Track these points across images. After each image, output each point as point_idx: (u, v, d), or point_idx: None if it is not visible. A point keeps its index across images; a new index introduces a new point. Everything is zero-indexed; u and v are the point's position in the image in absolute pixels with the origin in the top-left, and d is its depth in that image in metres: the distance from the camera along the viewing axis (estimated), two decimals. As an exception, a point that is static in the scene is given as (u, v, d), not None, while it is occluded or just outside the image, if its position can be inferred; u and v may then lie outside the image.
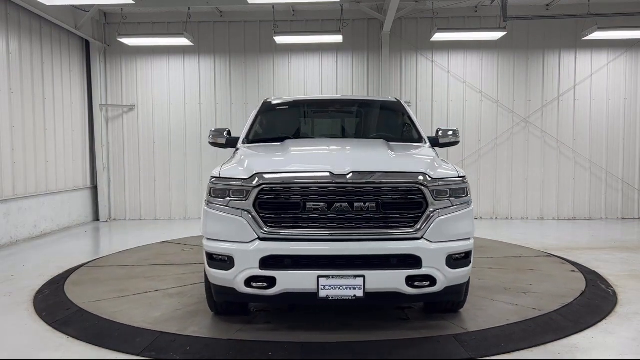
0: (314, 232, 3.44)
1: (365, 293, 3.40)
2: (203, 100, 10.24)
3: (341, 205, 3.42)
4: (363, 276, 3.39)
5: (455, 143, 4.86)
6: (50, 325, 4.11)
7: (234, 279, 3.48)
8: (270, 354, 3.48)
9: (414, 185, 3.49)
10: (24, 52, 8.10)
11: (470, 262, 3.67)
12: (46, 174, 8.67)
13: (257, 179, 3.48)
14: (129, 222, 10.14)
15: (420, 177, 3.51)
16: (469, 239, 3.65)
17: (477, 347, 3.58)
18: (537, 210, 10.08)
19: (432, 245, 3.47)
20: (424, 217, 3.49)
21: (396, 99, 5.60)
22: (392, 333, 3.81)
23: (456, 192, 3.62)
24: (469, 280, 3.88)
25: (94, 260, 6.40)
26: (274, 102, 5.47)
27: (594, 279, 5.31)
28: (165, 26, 10.06)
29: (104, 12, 10.02)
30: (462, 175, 3.70)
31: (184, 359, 3.44)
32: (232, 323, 4.01)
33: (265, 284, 3.44)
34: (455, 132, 4.85)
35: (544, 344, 3.62)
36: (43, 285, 5.27)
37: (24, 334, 3.97)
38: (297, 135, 5.02)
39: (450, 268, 3.51)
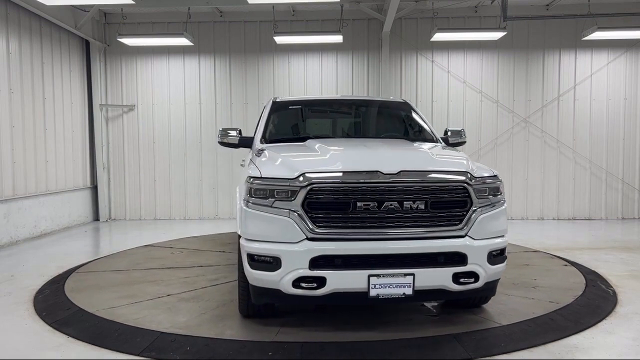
0: (364, 231, 3.43)
1: (414, 291, 3.43)
2: (203, 100, 10.25)
3: (391, 205, 3.43)
4: (413, 274, 3.42)
5: (463, 143, 5.08)
6: (50, 325, 4.11)
7: (281, 280, 3.42)
8: (270, 354, 3.48)
9: (460, 184, 3.55)
10: (24, 52, 8.10)
11: (506, 258, 3.79)
12: (46, 174, 8.67)
13: (305, 178, 3.44)
14: (129, 222, 10.14)
15: (466, 176, 3.59)
16: (504, 235, 3.76)
17: (477, 347, 3.58)
18: (537, 210, 10.08)
19: (475, 242, 3.55)
20: (468, 215, 3.57)
21: (403, 100, 5.70)
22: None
23: (493, 190, 3.73)
24: None
25: (83, 265, 6.10)
26: (285, 101, 5.42)
27: (594, 279, 5.31)
28: (165, 26, 10.07)
29: (104, 12, 10.03)
30: (496, 174, 3.81)
31: (184, 359, 3.44)
32: (266, 325, 3.95)
33: (315, 285, 3.40)
34: (464, 132, 5.12)
35: (543, 343, 3.62)
36: (43, 285, 5.27)
37: (24, 334, 3.97)
38: (318, 135, 4.97)
39: (491, 264, 3.61)
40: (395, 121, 5.49)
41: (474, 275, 3.55)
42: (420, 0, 9.37)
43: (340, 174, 3.47)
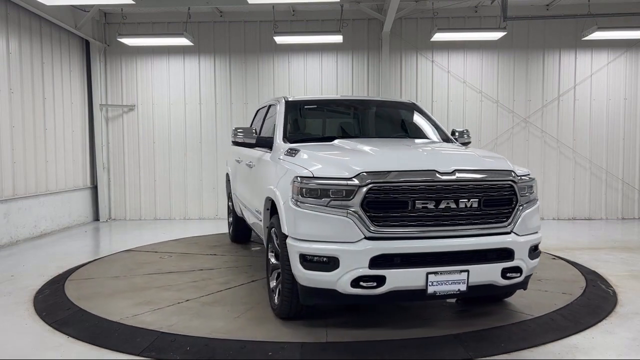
0: (422, 229, 3.50)
1: (468, 287, 3.54)
2: (203, 100, 10.25)
3: (447, 203, 3.52)
4: (467, 271, 3.52)
5: (469, 143, 5.25)
6: (50, 325, 4.11)
7: (338, 280, 3.42)
8: (270, 354, 3.48)
9: (507, 182, 3.71)
10: (24, 52, 8.10)
11: (540, 253, 4.00)
12: (46, 174, 8.67)
13: (363, 178, 3.45)
14: (129, 222, 10.14)
15: (512, 175, 3.76)
16: (538, 231, 3.94)
17: (477, 347, 3.58)
18: (537, 210, 10.07)
19: (520, 238, 3.71)
20: (514, 212, 3.72)
21: (411, 101, 5.87)
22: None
23: (530, 188, 3.90)
24: None
25: (74, 271, 5.78)
26: (299, 101, 5.39)
27: (594, 279, 5.31)
28: (165, 26, 10.06)
29: (104, 12, 10.02)
30: (529, 172, 4.00)
31: (184, 359, 3.44)
32: (314, 327, 3.93)
33: (375, 284, 3.41)
34: (469, 133, 5.42)
35: (543, 343, 3.63)
36: (43, 285, 5.27)
37: (24, 334, 3.97)
38: (341, 135, 5.00)
39: (530, 259, 3.79)
40: (410, 122, 5.55)
41: (519, 270, 3.71)
42: (420, 0, 9.37)
43: (400, 173, 3.52)
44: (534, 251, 3.84)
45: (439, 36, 9.13)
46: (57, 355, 3.55)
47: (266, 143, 4.86)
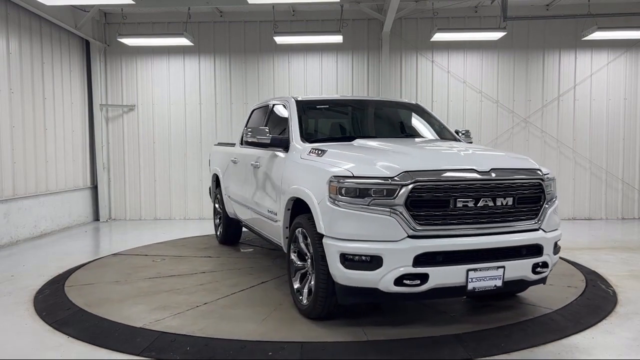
0: (462, 227, 3.58)
1: (503, 282, 3.64)
2: (203, 100, 10.25)
3: (486, 201, 3.62)
4: (504, 267, 3.62)
5: (471, 143, 5.33)
6: (50, 325, 4.11)
7: (381, 278, 3.44)
8: (270, 354, 3.48)
9: (537, 180, 3.86)
10: (24, 52, 8.10)
11: (560, 248, 4.18)
12: (46, 174, 8.67)
13: (407, 177, 3.49)
14: (129, 222, 10.14)
15: (539, 173, 3.92)
16: (559, 228, 4.12)
17: (477, 347, 3.58)
18: (537, 210, 10.06)
19: (547, 234, 3.87)
20: (542, 209, 3.88)
21: (416, 102, 5.99)
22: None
23: (552, 186, 4.07)
24: None
25: (68, 277, 5.54)
26: (309, 100, 5.38)
27: (594, 279, 5.31)
28: (165, 26, 10.06)
29: (104, 12, 10.02)
30: (549, 171, 4.15)
31: (184, 359, 3.44)
32: (354, 326, 3.93)
33: (418, 281, 3.46)
34: (470, 133, 5.62)
35: (543, 343, 3.63)
36: (43, 285, 5.27)
37: (24, 334, 3.97)
38: (356, 134, 5.02)
39: (554, 254, 3.96)
40: (419, 122, 5.61)
41: (547, 265, 3.87)
42: (420, 0, 9.37)
43: (442, 172, 3.59)
44: (556, 247, 4.00)
45: (439, 36, 9.13)
46: (57, 355, 3.55)
47: (281, 143, 4.82)
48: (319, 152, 4.25)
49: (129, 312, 4.32)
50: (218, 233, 7.41)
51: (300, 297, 4.16)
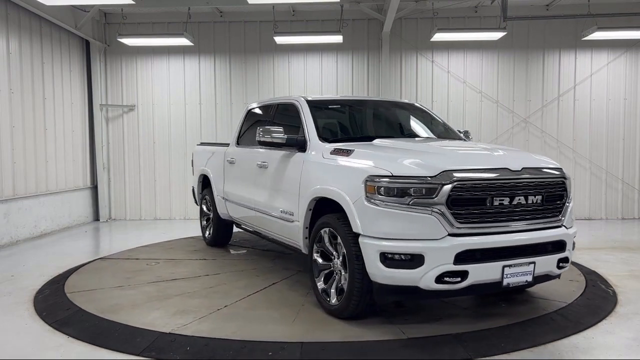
0: (498, 224, 3.69)
1: (533, 277, 3.79)
2: (203, 100, 10.25)
3: (519, 199, 3.75)
4: (534, 262, 3.77)
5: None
6: (50, 325, 4.11)
7: (423, 276, 3.50)
8: (270, 354, 3.48)
9: (561, 178, 4.03)
10: (24, 52, 8.10)
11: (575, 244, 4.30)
12: (46, 174, 8.67)
13: (448, 176, 3.56)
14: (129, 222, 10.14)
15: (563, 171, 4.11)
16: (574, 224, 4.26)
17: (477, 347, 3.58)
18: (537, 210, 10.06)
19: (568, 230, 4.04)
20: (564, 206, 4.05)
21: (420, 104, 6.12)
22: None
23: (570, 184, 4.21)
24: None
25: (67, 277, 5.47)
26: (319, 100, 5.37)
27: (594, 279, 5.31)
28: (165, 26, 10.06)
29: (104, 12, 10.02)
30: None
31: (184, 359, 3.44)
32: (390, 324, 3.97)
33: (459, 279, 3.54)
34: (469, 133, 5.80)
35: (544, 344, 3.63)
36: (43, 285, 5.27)
37: (24, 334, 3.97)
38: (370, 135, 5.04)
39: (572, 249, 4.10)
40: (427, 122, 5.67)
41: (567, 260, 4.02)
42: (420, 0, 9.37)
43: (481, 171, 3.71)
44: (574, 243, 4.16)
45: (439, 36, 9.13)
46: (57, 356, 3.55)
47: (297, 143, 4.79)
48: (346, 151, 4.24)
49: (148, 318, 4.17)
50: (207, 235, 7.25)
51: (328, 298, 4.17)
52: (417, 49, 9.95)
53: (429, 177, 3.56)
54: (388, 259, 3.56)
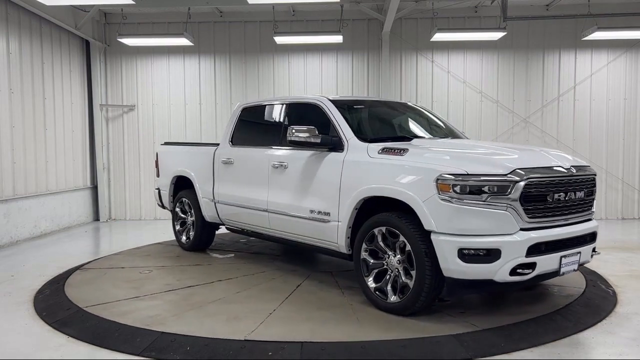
0: (555, 218, 3.99)
1: (578, 265, 4.15)
2: (203, 100, 10.25)
3: (570, 195, 4.07)
4: (580, 252, 4.12)
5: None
6: (50, 325, 4.11)
7: (499, 269, 3.70)
8: (270, 354, 3.48)
9: (594, 175, 4.42)
10: (24, 52, 8.10)
11: None
12: (46, 174, 8.67)
13: (519, 174, 3.78)
14: (129, 222, 10.14)
15: (593, 169, 4.47)
16: None
17: (477, 347, 3.58)
18: (537, 210, 10.07)
19: (596, 223, 4.42)
20: (594, 201, 4.43)
21: (421, 105, 6.37)
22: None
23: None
24: None
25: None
26: (343, 100, 5.36)
27: (594, 279, 5.31)
28: (165, 26, 10.07)
29: (104, 12, 10.03)
30: None
31: (184, 359, 3.44)
32: (450, 318, 4.06)
33: (530, 270, 3.78)
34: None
35: (543, 343, 3.63)
36: (43, 285, 5.27)
37: (24, 334, 3.97)
38: (397, 135, 5.18)
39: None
40: (445, 124, 5.83)
41: (595, 250, 4.39)
42: (420, 0, 9.37)
43: (548, 169, 4.00)
44: None
45: (439, 36, 9.13)
46: (57, 356, 3.55)
47: (332, 143, 4.74)
48: (399, 150, 4.27)
49: (211, 328, 3.92)
50: (184, 240, 6.85)
51: (384, 296, 4.22)
52: (417, 49, 9.95)
53: (503, 175, 3.75)
54: (465, 255, 3.72)
